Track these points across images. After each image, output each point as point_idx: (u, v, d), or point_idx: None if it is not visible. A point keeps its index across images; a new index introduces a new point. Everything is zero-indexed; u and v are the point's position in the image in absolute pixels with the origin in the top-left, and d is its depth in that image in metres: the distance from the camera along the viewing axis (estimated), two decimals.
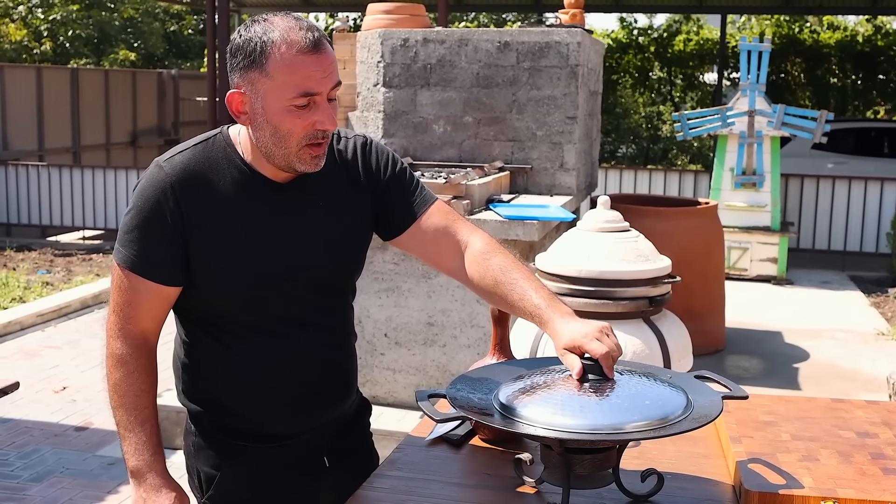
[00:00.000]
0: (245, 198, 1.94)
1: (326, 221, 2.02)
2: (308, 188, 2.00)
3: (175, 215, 1.89)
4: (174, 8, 22.86)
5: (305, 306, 2.02)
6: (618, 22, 16.58)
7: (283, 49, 1.82)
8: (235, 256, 1.92)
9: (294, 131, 1.86)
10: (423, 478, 1.93)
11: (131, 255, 1.92)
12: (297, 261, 1.98)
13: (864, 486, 1.76)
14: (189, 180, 1.91)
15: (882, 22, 16.19)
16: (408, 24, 6.36)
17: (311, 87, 1.83)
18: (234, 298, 1.95)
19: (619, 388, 1.74)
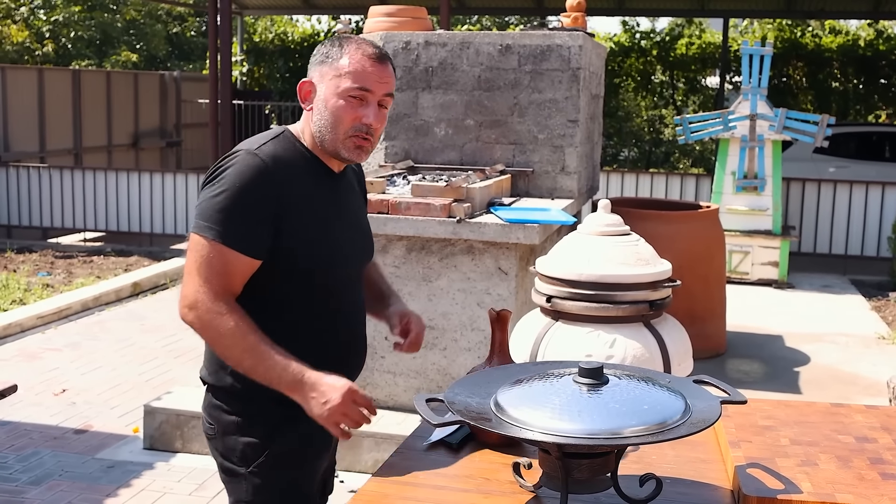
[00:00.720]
0: (315, 183, 2.25)
1: (361, 210, 2.45)
2: (349, 181, 2.39)
3: (272, 197, 2.14)
4: (177, 10, 22.89)
5: (350, 283, 2.35)
6: (620, 25, 16.56)
7: (353, 51, 2.19)
8: (314, 233, 2.21)
9: (344, 119, 2.17)
10: (420, 482, 1.93)
11: (226, 231, 2.11)
12: (353, 241, 2.35)
13: (863, 492, 1.75)
14: (279, 166, 2.17)
15: (884, 26, 16.18)
16: (409, 26, 6.36)
17: (367, 85, 2.17)
18: (305, 272, 2.21)
19: (618, 392, 1.73)
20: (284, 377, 2.07)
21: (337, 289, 2.29)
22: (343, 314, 2.33)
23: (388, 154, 6.05)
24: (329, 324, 2.28)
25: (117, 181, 11.16)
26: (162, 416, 5.13)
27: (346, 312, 2.34)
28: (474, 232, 4.94)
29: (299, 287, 2.22)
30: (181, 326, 7.76)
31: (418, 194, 5.11)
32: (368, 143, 2.21)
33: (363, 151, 2.22)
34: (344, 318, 2.33)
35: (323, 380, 2.05)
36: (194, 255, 2.14)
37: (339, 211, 2.30)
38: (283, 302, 2.23)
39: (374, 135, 2.21)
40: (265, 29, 17.53)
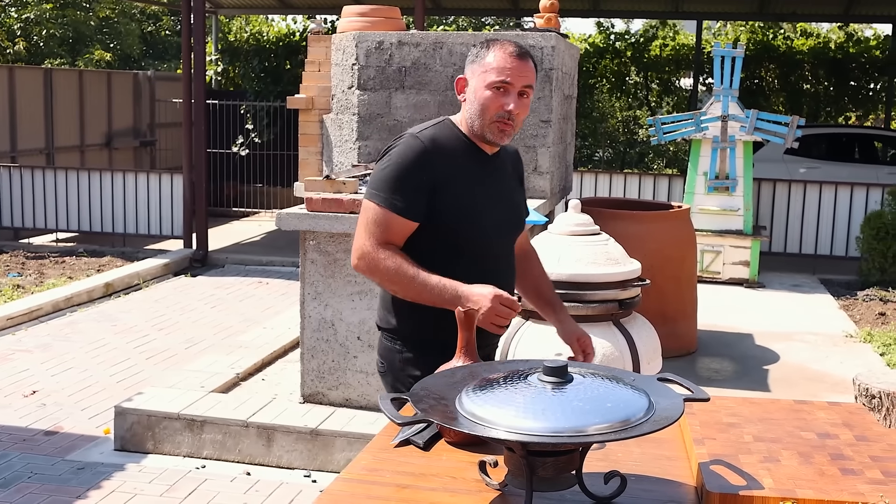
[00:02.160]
0: (467, 161, 2.68)
1: (512, 189, 2.83)
2: (502, 163, 2.77)
3: (428, 172, 2.61)
4: (151, 8, 22.75)
5: (494, 249, 2.72)
6: (595, 27, 16.61)
7: (497, 50, 2.60)
8: (464, 203, 2.64)
9: (490, 107, 2.59)
10: (387, 481, 1.94)
11: (388, 197, 2.60)
12: (498, 212, 2.73)
13: (823, 487, 1.78)
14: (437, 147, 2.64)
15: (854, 29, 16.33)
16: (383, 26, 6.36)
17: (508, 77, 2.57)
18: (453, 232, 2.64)
19: (582, 390, 1.75)
20: (444, 294, 2.52)
21: (482, 251, 2.69)
22: (487, 275, 2.62)
23: (361, 154, 6.05)
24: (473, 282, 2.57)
25: (90, 181, 11.08)
26: (133, 417, 5.10)
27: (490, 274, 2.64)
28: None
29: (448, 246, 2.65)
30: (153, 327, 7.73)
31: None
32: (510, 127, 2.61)
33: (506, 135, 2.63)
34: (488, 279, 2.59)
35: (474, 290, 2.48)
36: (364, 216, 2.65)
37: (488, 186, 2.70)
38: (435, 258, 2.63)
39: (515, 120, 2.61)
40: (240, 28, 17.47)
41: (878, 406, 4.30)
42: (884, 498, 1.71)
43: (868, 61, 15.33)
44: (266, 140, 13.89)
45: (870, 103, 15.98)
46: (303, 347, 5.41)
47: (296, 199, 6.18)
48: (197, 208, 10.54)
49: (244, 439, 4.97)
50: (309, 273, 5.31)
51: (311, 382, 5.40)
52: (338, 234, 5.18)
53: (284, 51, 14.99)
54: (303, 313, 5.36)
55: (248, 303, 8.63)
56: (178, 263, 10.19)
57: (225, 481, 4.75)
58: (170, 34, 24.37)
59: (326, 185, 5.24)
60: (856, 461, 1.92)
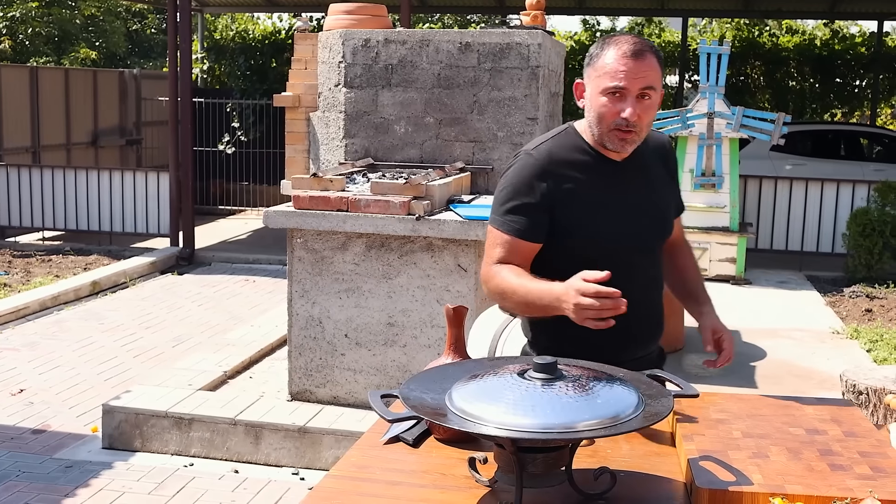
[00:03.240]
0: (593, 174, 2.50)
1: (650, 194, 2.58)
2: (636, 167, 2.54)
3: (544, 190, 2.45)
4: (136, 6, 22.67)
5: (629, 260, 2.50)
6: (581, 24, 16.64)
7: (611, 50, 2.40)
8: (588, 220, 2.47)
9: (606, 115, 2.41)
10: (376, 478, 1.94)
11: (507, 221, 2.49)
12: (634, 222, 2.52)
13: (812, 483, 1.79)
14: (553, 162, 2.48)
15: (839, 26, 16.39)
16: (369, 24, 6.35)
17: (622, 82, 2.37)
18: (583, 252, 2.46)
19: (572, 387, 1.75)
20: (544, 301, 2.32)
21: (614, 264, 2.39)
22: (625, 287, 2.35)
23: (347, 152, 6.05)
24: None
25: (76, 179, 11.04)
26: (121, 416, 5.09)
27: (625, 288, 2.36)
28: (434, 229, 4.95)
29: (575, 264, 2.38)
30: (141, 325, 7.71)
31: (378, 192, 5.11)
32: (632, 134, 2.42)
33: (627, 143, 2.44)
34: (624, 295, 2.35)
35: (558, 289, 2.26)
36: (487, 242, 2.56)
37: (616, 197, 2.51)
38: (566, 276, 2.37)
39: (636, 126, 2.40)
40: (226, 26, 17.41)
41: (865, 402, 4.32)
42: (872, 493, 1.72)
43: (853, 58, 15.40)
44: (252, 138, 13.86)
45: (855, 100, 16.05)
46: (290, 345, 5.40)
47: (282, 197, 6.17)
48: (183, 206, 10.51)
49: (232, 437, 4.96)
50: (296, 271, 5.30)
51: (298, 380, 5.39)
52: (325, 231, 5.17)
53: (270, 49, 14.95)
54: (290, 311, 5.35)
55: (236, 301, 8.61)
56: (165, 262, 10.17)
57: (213, 479, 4.75)
58: (155, 32, 24.28)
59: (314, 182, 5.23)
60: (844, 457, 1.92)
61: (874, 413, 4.24)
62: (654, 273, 2.63)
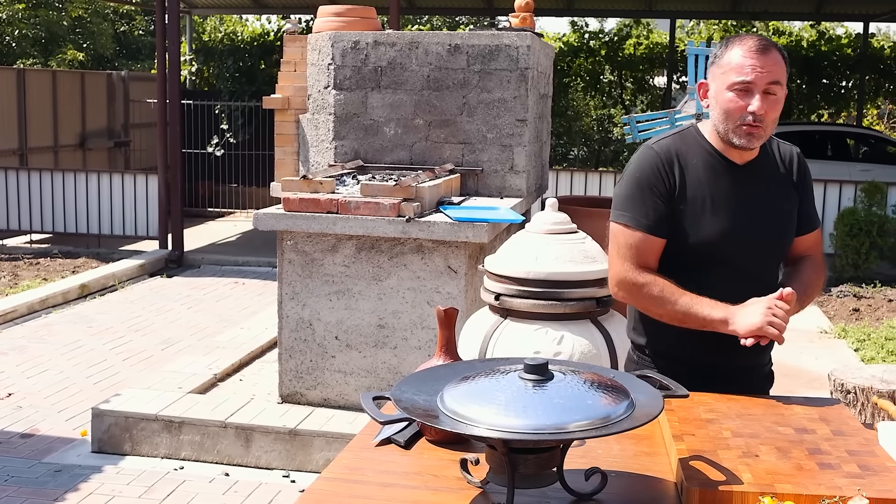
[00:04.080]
0: (711, 174, 2.52)
1: (771, 200, 2.57)
2: (757, 173, 2.56)
3: (664, 184, 2.50)
4: (124, 8, 22.61)
5: (747, 263, 2.54)
6: (569, 26, 16.65)
7: (735, 48, 2.44)
8: (704, 219, 2.50)
9: (731, 111, 2.43)
10: (369, 480, 1.94)
11: (627, 214, 2.52)
12: (749, 226, 2.52)
13: (801, 481, 1.80)
14: (672, 157, 2.53)
15: (826, 28, 16.46)
16: (358, 26, 6.36)
17: (748, 76, 2.40)
18: (697, 252, 2.51)
19: (563, 388, 1.76)
20: (716, 315, 2.40)
21: (718, 263, 2.52)
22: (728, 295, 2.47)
23: (337, 154, 6.05)
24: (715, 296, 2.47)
25: (64, 182, 11.01)
26: (111, 419, 5.08)
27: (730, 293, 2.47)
28: (424, 231, 4.96)
29: (689, 262, 2.52)
30: (130, 328, 7.69)
31: (368, 194, 5.12)
32: (759, 129, 2.44)
33: (754, 137, 2.46)
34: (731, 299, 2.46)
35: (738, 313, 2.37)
36: (613, 241, 2.56)
37: (730, 197, 2.51)
38: (681, 275, 2.51)
39: (763, 121, 2.43)
40: (214, 28, 17.40)
41: (853, 401, 4.35)
42: (861, 491, 1.73)
43: (840, 59, 15.47)
44: (241, 140, 13.84)
45: (842, 101, 16.12)
46: (280, 347, 5.40)
47: (272, 199, 6.17)
48: (172, 209, 10.49)
49: (222, 440, 4.95)
50: (286, 273, 5.30)
51: (288, 382, 5.39)
52: (315, 233, 5.17)
53: (259, 50, 14.94)
54: (280, 313, 5.35)
55: (225, 303, 8.60)
56: (154, 264, 10.15)
57: (203, 482, 4.74)
58: (143, 34, 24.22)
59: (303, 184, 5.23)
60: (833, 455, 1.94)
61: (862, 412, 4.26)
62: (763, 279, 2.58)
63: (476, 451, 1.98)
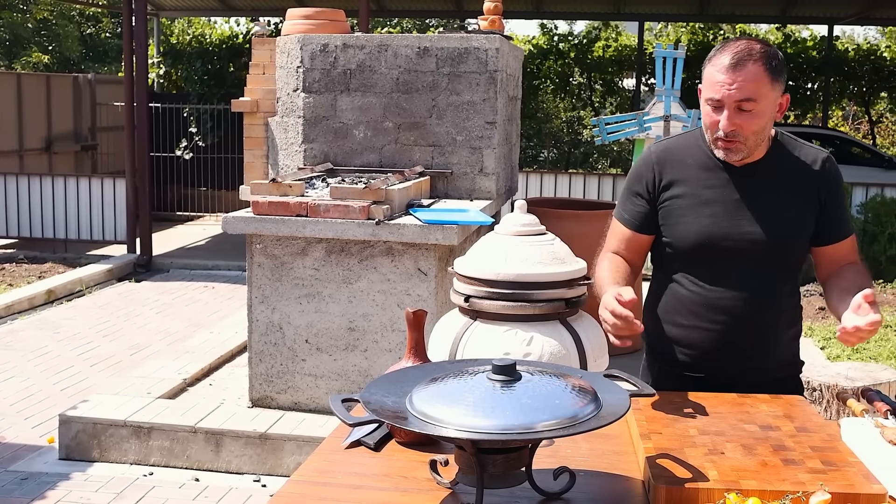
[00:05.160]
0: (706, 174, 2.55)
1: (770, 204, 2.52)
2: (761, 175, 2.53)
3: (650, 183, 2.58)
4: (90, 10, 22.44)
5: (731, 264, 2.52)
6: (538, 28, 16.72)
7: (715, 57, 2.46)
8: (688, 216, 2.53)
9: (707, 125, 2.48)
10: (338, 482, 1.94)
11: (620, 211, 2.65)
12: (735, 229, 2.50)
13: (766, 477, 1.82)
14: (668, 156, 2.60)
15: (791, 31, 16.63)
16: (328, 29, 6.36)
17: (715, 94, 2.41)
18: (681, 249, 2.55)
19: (531, 388, 1.77)
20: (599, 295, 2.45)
21: (709, 265, 2.54)
22: (719, 291, 2.53)
23: (306, 157, 6.04)
24: (704, 299, 2.54)
25: (30, 186, 10.91)
26: (78, 426, 5.04)
27: (722, 289, 2.53)
28: (393, 233, 4.96)
29: (677, 262, 2.58)
30: (98, 334, 7.62)
31: (337, 196, 5.12)
32: (734, 144, 2.44)
33: (731, 152, 2.46)
34: (722, 298, 2.53)
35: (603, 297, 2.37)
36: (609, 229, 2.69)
37: (725, 198, 2.52)
38: (663, 271, 2.62)
39: (739, 135, 2.42)
40: (182, 30, 17.31)
41: (819, 398, 4.40)
42: (823, 486, 1.75)
43: (805, 61, 15.63)
44: (210, 143, 13.78)
45: (807, 103, 16.29)
46: (250, 351, 5.38)
47: (241, 203, 6.15)
48: (140, 212, 10.43)
49: (192, 445, 4.93)
50: (256, 276, 5.28)
51: (259, 386, 5.37)
52: (284, 237, 5.16)
53: (228, 53, 14.88)
54: (250, 317, 5.34)
55: (195, 307, 8.56)
56: (122, 269, 10.08)
57: (173, 488, 4.72)
58: (110, 36, 24.05)
59: (272, 188, 5.22)
60: (797, 452, 1.96)
61: (827, 409, 4.32)
62: (754, 285, 2.54)
63: (446, 452, 1.99)
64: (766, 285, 2.56)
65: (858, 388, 4.21)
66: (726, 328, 2.54)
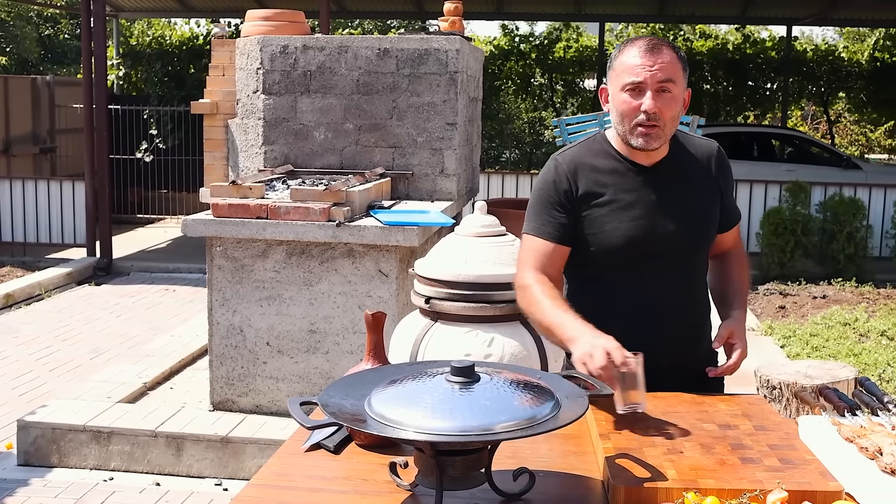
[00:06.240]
0: (618, 179, 2.53)
1: (684, 201, 2.55)
2: (670, 173, 2.55)
3: (564, 194, 2.52)
4: (48, 11, 22.18)
5: (652, 266, 2.53)
6: (500, 29, 16.75)
7: (627, 48, 2.46)
8: (611, 223, 2.51)
9: (626, 112, 2.43)
10: (298, 485, 1.93)
11: (532, 223, 2.56)
12: (658, 229, 2.51)
13: (724, 476, 1.84)
14: (575, 165, 2.55)
15: (750, 31, 16.80)
16: (287, 30, 6.33)
17: (638, 76, 2.40)
18: (608, 256, 2.52)
19: (489, 389, 1.77)
20: (566, 334, 2.31)
21: (631, 268, 2.53)
22: (642, 299, 2.53)
23: (267, 159, 6.01)
24: (635, 305, 2.52)
25: None
26: (37, 431, 4.98)
27: (645, 298, 2.54)
28: (354, 235, 4.95)
29: (600, 268, 2.55)
30: (57, 338, 7.54)
31: (297, 199, 5.09)
32: (655, 129, 2.42)
33: (651, 138, 2.44)
34: (651, 302, 2.53)
35: (594, 335, 2.24)
36: (520, 249, 2.62)
37: (641, 200, 2.51)
38: (590, 281, 2.59)
39: (660, 119, 2.41)
40: (142, 32, 17.14)
41: (778, 396, 4.44)
42: (780, 484, 1.77)
43: (765, 62, 15.80)
44: (171, 145, 13.66)
45: (767, 103, 16.46)
46: (211, 354, 5.34)
47: (202, 205, 6.10)
48: (100, 215, 10.32)
49: (153, 449, 4.89)
50: (216, 279, 5.25)
51: (220, 389, 5.34)
52: (245, 239, 5.13)
53: (188, 54, 14.77)
54: (211, 320, 5.30)
55: (155, 310, 8.49)
56: (82, 272, 9.96)
57: (134, 493, 4.67)
58: (69, 38, 23.79)
59: (232, 190, 5.19)
60: (755, 450, 1.98)
61: (787, 407, 4.36)
62: (681, 281, 2.60)
63: (405, 454, 1.99)
64: (688, 279, 2.62)
65: (817, 385, 4.25)
66: (658, 325, 2.53)
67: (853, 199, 10.29)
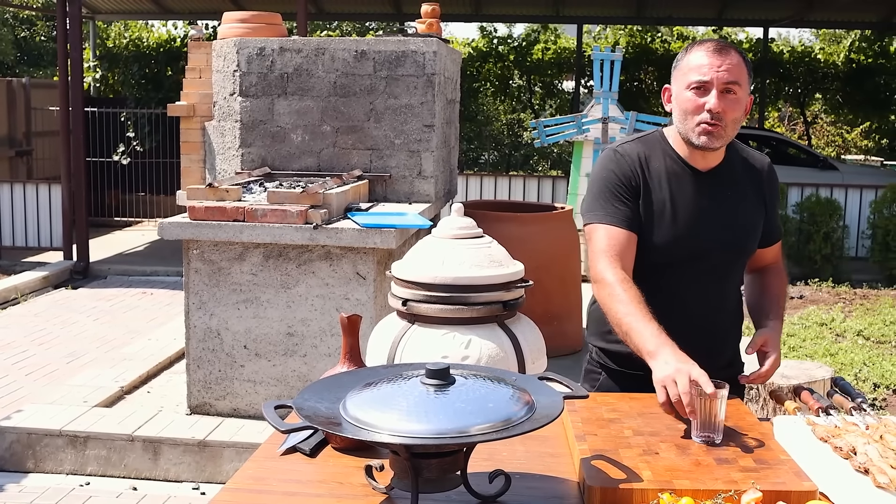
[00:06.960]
0: (674, 179, 2.55)
1: (731, 210, 2.58)
2: (722, 181, 2.58)
3: (630, 183, 2.53)
4: (24, 13, 22.02)
5: (691, 268, 2.56)
6: (478, 31, 16.77)
7: (694, 49, 2.49)
8: (659, 222, 2.53)
9: (690, 110, 2.46)
10: (273, 489, 1.93)
11: (595, 211, 2.55)
12: (703, 234, 2.54)
13: (699, 477, 1.84)
14: (633, 157, 2.56)
15: (727, 33, 16.90)
16: (264, 32, 6.31)
17: (705, 75, 2.43)
18: (650, 254, 2.53)
19: (464, 392, 1.77)
20: (648, 345, 2.28)
21: (681, 274, 2.56)
22: (675, 302, 2.53)
23: (244, 161, 5.99)
24: (668, 304, 2.47)
25: None
26: (12, 436, 4.94)
27: (677, 301, 2.55)
28: (331, 238, 4.94)
29: (649, 265, 2.54)
30: (33, 342, 7.49)
31: (275, 201, 5.08)
32: (717, 128, 2.45)
33: (713, 137, 2.46)
34: (683, 304, 2.55)
35: (676, 355, 2.20)
36: (588, 242, 2.58)
37: (689, 203, 2.54)
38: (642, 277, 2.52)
39: (722, 120, 2.44)
40: (119, 34, 17.05)
41: (755, 397, 4.46)
42: (755, 485, 1.78)
43: None
44: (148, 148, 13.59)
45: None
46: (188, 358, 5.32)
47: (179, 208, 6.07)
48: (77, 218, 10.25)
49: (130, 453, 4.86)
50: (193, 282, 5.22)
51: (197, 393, 5.31)
52: (222, 242, 5.11)
53: (165, 57, 14.70)
54: (188, 323, 5.27)
55: (132, 314, 8.44)
56: (58, 276, 9.90)
57: (111, 497, 4.64)
58: (45, 40, 23.62)
59: (209, 192, 5.16)
60: (730, 451, 1.99)
61: (764, 407, 4.38)
62: (715, 288, 2.63)
63: (381, 457, 1.98)
64: (723, 287, 2.65)
65: (793, 385, 4.28)
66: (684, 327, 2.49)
67: (830, 199, 10.36)
